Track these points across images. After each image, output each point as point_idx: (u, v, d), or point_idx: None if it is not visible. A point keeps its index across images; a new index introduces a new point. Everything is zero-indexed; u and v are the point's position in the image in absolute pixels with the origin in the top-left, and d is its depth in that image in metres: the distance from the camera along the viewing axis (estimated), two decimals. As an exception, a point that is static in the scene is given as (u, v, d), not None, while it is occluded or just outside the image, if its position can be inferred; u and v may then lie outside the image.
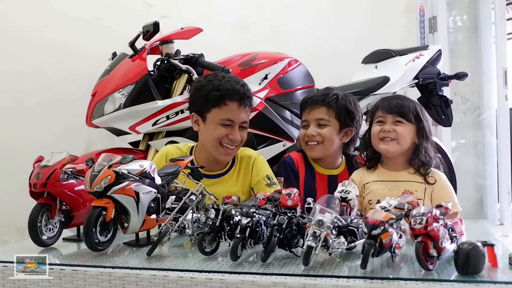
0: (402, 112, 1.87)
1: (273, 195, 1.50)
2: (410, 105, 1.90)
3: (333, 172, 2.12)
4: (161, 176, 1.49)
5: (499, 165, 3.64)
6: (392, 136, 1.86)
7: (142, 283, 1.20)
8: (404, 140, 1.86)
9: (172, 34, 2.38)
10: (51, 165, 1.49)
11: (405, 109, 1.88)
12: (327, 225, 1.18)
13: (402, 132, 1.86)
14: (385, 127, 1.87)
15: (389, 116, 1.88)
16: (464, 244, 1.13)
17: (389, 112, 1.88)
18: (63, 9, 3.06)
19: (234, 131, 1.91)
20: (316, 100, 2.08)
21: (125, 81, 2.27)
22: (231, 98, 1.88)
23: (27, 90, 2.97)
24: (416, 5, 3.72)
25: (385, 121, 1.89)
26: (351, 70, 2.97)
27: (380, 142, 1.88)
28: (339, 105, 2.06)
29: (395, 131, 1.86)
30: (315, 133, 2.05)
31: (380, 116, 1.90)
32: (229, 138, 1.91)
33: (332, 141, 2.06)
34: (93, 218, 1.32)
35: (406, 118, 1.87)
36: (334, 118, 2.06)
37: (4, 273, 1.33)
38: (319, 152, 2.07)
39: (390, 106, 1.89)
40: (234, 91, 1.89)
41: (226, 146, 1.93)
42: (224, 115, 1.90)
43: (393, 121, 1.88)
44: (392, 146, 1.87)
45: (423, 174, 1.87)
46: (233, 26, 3.37)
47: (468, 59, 3.81)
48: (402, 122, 1.87)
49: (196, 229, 1.45)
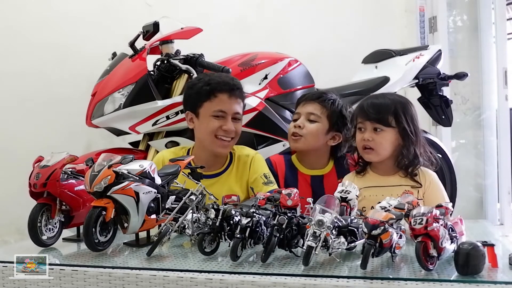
0: (379, 119, 1.79)
1: (273, 195, 1.50)
2: (388, 107, 1.80)
3: (317, 173, 2.13)
4: (161, 176, 1.49)
5: (499, 165, 3.64)
6: (372, 146, 1.80)
7: (142, 283, 1.20)
8: (383, 149, 1.80)
9: (172, 34, 2.38)
10: (51, 165, 1.49)
11: (382, 115, 1.79)
12: (327, 225, 1.18)
13: (381, 142, 1.79)
14: (364, 135, 1.81)
15: (367, 123, 1.80)
16: (464, 244, 1.13)
17: (367, 119, 1.81)
18: (63, 9, 3.06)
19: (227, 122, 1.94)
20: (312, 96, 2.13)
21: (125, 81, 2.27)
22: (221, 90, 1.93)
23: (27, 90, 2.97)
24: (416, 5, 3.72)
25: (364, 128, 1.82)
26: (351, 70, 2.97)
27: (363, 151, 1.84)
28: (334, 107, 2.08)
29: (374, 140, 1.79)
30: (302, 125, 2.07)
31: (360, 122, 1.83)
32: (223, 130, 1.93)
33: (317, 138, 2.07)
34: (93, 218, 1.33)
35: (384, 124, 1.79)
36: (325, 117, 2.08)
37: (4, 273, 1.33)
38: (301, 145, 2.09)
39: (367, 112, 1.81)
40: (224, 83, 1.95)
41: (221, 138, 1.94)
42: (216, 107, 1.93)
43: (372, 128, 1.80)
44: (373, 156, 1.82)
45: (411, 174, 1.82)
46: (233, 26, 3.37)
47: (468, 59, 3.81)
48: (381, 129, 1.79)
49: (196, 229, 1.45)
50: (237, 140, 2.02)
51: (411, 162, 1.82)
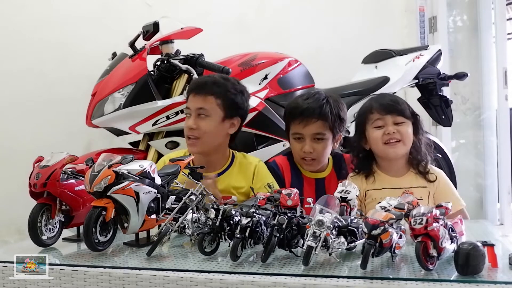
0: (400, 110, 1.80)
1: (273, 195, 1.50)
2: (402, 101, 1.84)
3: (320, 176, 2.11)
4: (161, 176, 1.49)
5: (499, 165, 3.64)
6: (397, 137, 1.78)
7: (142, 283, 1.20)
8: (409, 140, 1.80)
9: (172, 34, 2.38)
10: (51, 165, 1.49)
11: (401, 106, 1.81)
12: (327, 225, 1.18)
13: (406, 132, 1.79)
14: (388, 129, 1.78)
15: (388, 117, 1.80)
16: (464, 244, 1.13)
17: (387, 112, 1.80)
18: (63, 9, 3.06)
19: (189, 119, 1.95)
20: (312, 114, 1.98)
21: (125, 81, 2.27)
22: (190, 89, 1.99)
23: (27, 90, 2.97)
24: (416, 5, 3.72)
25: (384, 124, 1.80)
26: (351, 70, 2.97)
27: (385, 146, 1.80)
28: (334, 115, 2.00)
29: (399, 131, 1.78)
30: (312, 149, 2.00)
31: (378, 119, 1.81)
32: (187, 128, 1.95)
33: (327, 154, 2.07)
34: (93, 218, 1.32)
35: (405, 116, 1.80)
36: (329, 130, 2.01)
37: (4, 273, 1.33)
38: (317, 166, 2.08)
39: (386, 106, 1.81)
40: (194, 81, 2.02)
41: (188, 136, 1.96)
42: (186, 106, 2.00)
43: (393, 121, 1.80)
44: (399, 148, 1.80)
45: (423, 172, 1.83)
46: (233, 26, 3.37)
47: (468, 59, 3.81)
48: (403, 121, 1.80)
49: (196, 229, 1.45)
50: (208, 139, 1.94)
51: (423, 158, 1.83)
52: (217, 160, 2.01)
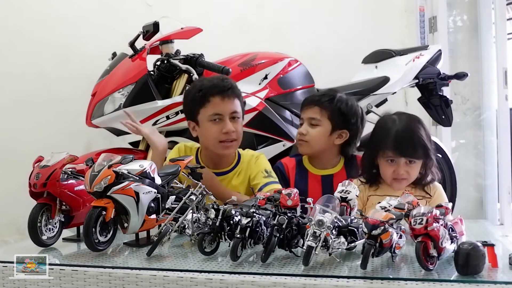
0: (413, 154, 1.82)
1: (273, 195, 1.50)
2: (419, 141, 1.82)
3: (327, 172, 2.13)
4: (161, 176, 1.49)
5: (499, 165, 3.64)
6: (406, 177, 1.84)
7: (142, 283, 1.20)
8: (415, 176, 1.86)
9: (172, 34, 2.38)
10: (51, 165, 1.49)
11: (416, 150, 1.82)
12: (327, 225, 1.18)
13: (414, 172, 1.84)
14: (398, 171, 1.82)
15: (401, 159, 1.82)
16: (464, 244, 1.13)
17: (401, 155, 1.82)
18: (63, 9, 3.06)
19: (226, 123, 1.93)
20: (311, 100, 2.12)
21: (125, 81, 2.27)
22: (212, 93, 1.93)
23: (27, 90, 2.97)
24: (416, 5, 3.71)
25: (396, 161, 1.83)
26: (351, 70, 2.96)
27: (393, 181, 1.86)
28: (333, 107, 2.06)
29: (408, 172, 1.83)
30: (305, 131, 2.09)
31: (391, 156, 1.83)
32: (223, 133, 1.93)
33: (320, 141, 2.07)
34: (93, 218, 1.33)
35: (417, 158, 1.83)
36: (326, 119, 2.06)
37: (4, 273, 1.33)
38: (307, 150, 2.12)
39: (401, 148, 1.82)
40: (214, 85, 1.94)
41: (224, 141, 1.95)
42: (211, 111, 1.93)
43: (405, 162, 1.82)
44: (404, 184, 1.86)
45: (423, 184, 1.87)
46: (233, 26, 3.36)
47: (468, 59, 3.81)
48: (414, 161, 1.83)
49: (196, 229, 1.45)
50: (240, 140, 2.01)
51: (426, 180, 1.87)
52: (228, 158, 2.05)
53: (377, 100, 2.67)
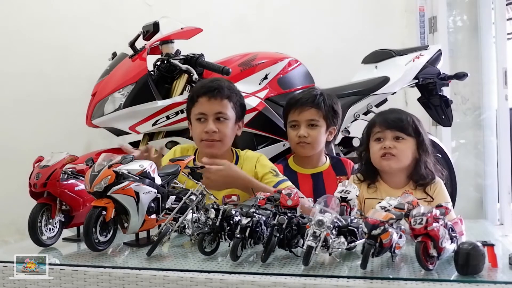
0: (401, 127, 1.81)
1: (273, 195, 1.49)
2: (408, 119, 1.84)
3: (316, 170, 2.19)
4: (161, 176, 1.49)
5: (499, 165, 3.64)
6: (393, 153, 1.80)
7: (142, 283, 1.20)
8: (405, 157, 1.82)
9: (172, 34, 2.38)
10: (51, 165, 1.49)
11: (403, 123, 1.82)
12: (327, 225, 1.18)
13: (403, 149, 1.81)
14: (385, 143, 1.81)
15: (387, 132, 1.82)
16: (464, 244, 1.13)
17: (387, 127, 1.82)
18: (63, 9, 3.06)
19: (208, 123, 1.96)
20: (306, 102, 2.14)
21: (125, 81, 2.27)
22: (198, 93, 1.99)
23: (27, 90, 2.97)
24: (416, 5, 3.72)
25: (384, 138, 1.83)
26: (351, 70, 2.97)
27: (381, 159, 1.83)
28: (327, 106, 2.14)
29: (396, 147, 1.80)
30: (307, 134, 2.12)
31: (378, 132, 1.84)
32: (204, 132, 1.95)
33: (321, 141, 2.16)
34: (93, 218, 1.32)
35: (405, 133, 1.81)
36: (322, 119, 2.14)
37: (4, 273, 1.33)
38: (310, 151, 2.16)
39: (388, 121, 1.83)
40: (202, 86, 2.01)
41: (206, 140, 1.96)
42: (197, 110, 1.99)
43: (393, 136, 1.82)
44: (394, 162, 1.82)
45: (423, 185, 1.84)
46: (233, 26, 3.37)
47: (468, 59, 3.81)
48: (402, 138, 1.81)
49: (196, 229, 1.45)
50: (227, 141, 1.99)
51: (425, 176, 1.84)
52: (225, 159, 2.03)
53: (377, 100, 2.67)
